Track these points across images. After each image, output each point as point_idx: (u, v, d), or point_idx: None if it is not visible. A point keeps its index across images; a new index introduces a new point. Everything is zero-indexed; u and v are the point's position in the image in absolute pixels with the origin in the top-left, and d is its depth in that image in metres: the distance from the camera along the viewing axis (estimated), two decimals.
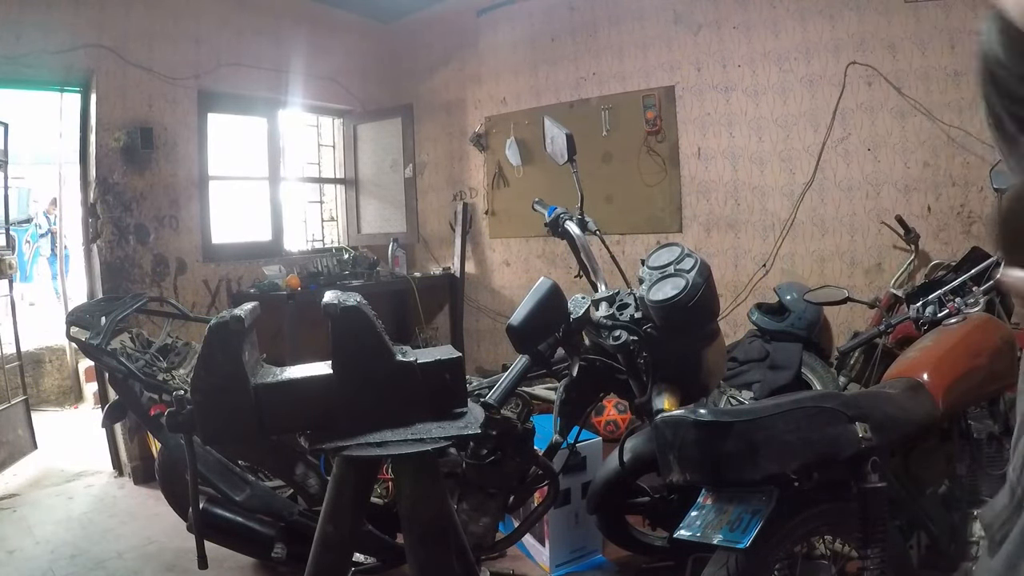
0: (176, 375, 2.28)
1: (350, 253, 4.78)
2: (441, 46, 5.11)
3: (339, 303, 1.27)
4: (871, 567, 1.37)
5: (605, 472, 2.15)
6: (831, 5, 3.53)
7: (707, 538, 1.32)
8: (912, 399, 1.59)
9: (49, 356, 5.32)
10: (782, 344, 3.15)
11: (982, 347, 1.75)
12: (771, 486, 1.33)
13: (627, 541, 2.33)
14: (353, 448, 1.25)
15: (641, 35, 4.19)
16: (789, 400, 1.45)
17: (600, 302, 1.63)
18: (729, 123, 3.91)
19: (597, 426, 3.60)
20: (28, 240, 8.77)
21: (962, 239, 3.22)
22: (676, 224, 4.14)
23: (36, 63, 3.40)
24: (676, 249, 1.55)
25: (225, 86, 4.24)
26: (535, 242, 4.73)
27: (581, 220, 1.98)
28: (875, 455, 1.39)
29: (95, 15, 3.60)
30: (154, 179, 3.86)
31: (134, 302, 2.49)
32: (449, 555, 1.29)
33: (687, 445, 1.36)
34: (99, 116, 3.64)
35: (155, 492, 2.91)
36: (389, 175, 5.07)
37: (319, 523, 1.31)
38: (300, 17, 4.68)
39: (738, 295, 3.91)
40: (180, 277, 3.98)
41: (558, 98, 4.56)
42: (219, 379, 1.25)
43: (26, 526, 3.02)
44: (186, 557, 2.64)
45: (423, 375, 1.31)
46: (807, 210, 3.71)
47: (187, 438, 1.44)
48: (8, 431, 3.86)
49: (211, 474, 2.12)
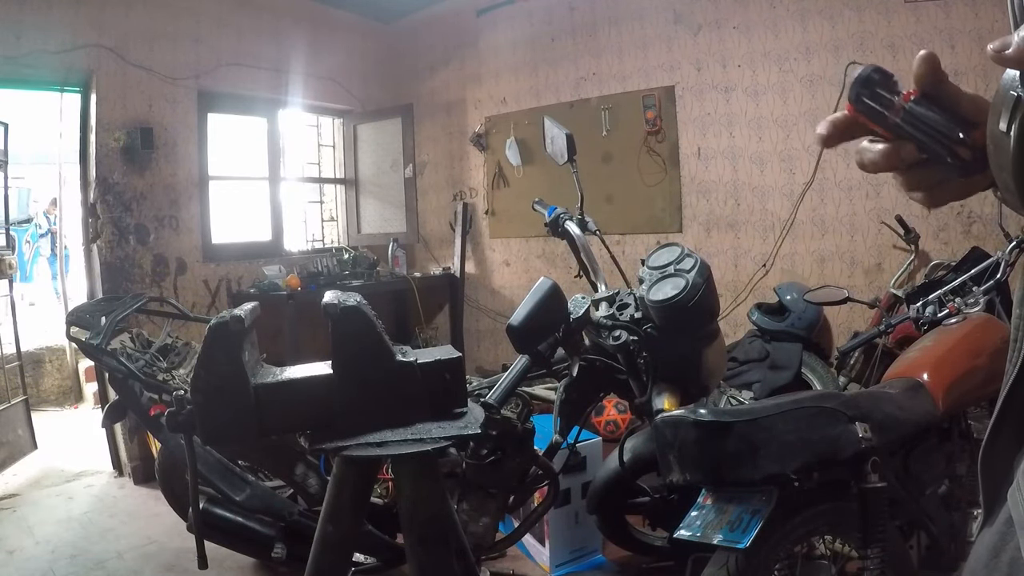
0: (176, 375, 2.28)
1: (350, 253, 4.78)
2: (441, 46, 5.12)
3: (339, 303, 1.27)
4: (871, 567, 1.37)
5: (605, 472, 2.16)
6: (831, 5, 3.53)
7: (707, 538, 1.32)
8: (912, 399, 1.59)
9: (49, 356, 5.32)
10: (782, 344, 3.16)
11: (982, 347, 1.75)
12: (771, 486, 1.33)
13: (627, 541, 2.33)
14: (353, 448, 1.24)
15: (641, 35, 4.19)
16: (789, 400, 1.45)
17: (600, 302, 1.63)
18: (729, 123, 3.91)
19: (597, 426, 3.60)
20: (28, 240, 8.76)
21: (962, 239, 3.22)
22: (676, 224, 4.14)
23: (36, 63, 3.40)
24: (676, 249, 1.55)
25: (225, 86, 4.24)
26: (535, 242, 4.73)
27: (581, 220, 1.98)
28: (875, 455, 1.39)
29: (95, 15, 3.60)
30: (154, 179, 3.86)
31: (134, 302, 2.49)
32: (449, 555, 1.29)
33: (687, 445, 1.36)
34: (99, 116, 3.64)
35: (155, 492, 2.91)
36: (389, 175, 5.07)
37: (319, 523, 1.30)
38: (300, 17, 4.68)
39: (738, 295, 3.91)
40: (180, 277, 3.98)
41: (558, 98, 4.56)
42: (219, 379, 1.24)
43: (26, 526, 3.02)
44: (186, 557, 2.64)
45: (423, 375, 1.31)
46: (807, 210, 3.71)
47: (187, 438, 1.44)
48: (8, 431, 3.86)
49: (211, 474, 2.12)
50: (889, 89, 0.57)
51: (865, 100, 0.58)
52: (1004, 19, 1.09)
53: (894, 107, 0.57)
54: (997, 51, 0.45)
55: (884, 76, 0.58)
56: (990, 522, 0.59)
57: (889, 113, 0.57)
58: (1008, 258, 2.32)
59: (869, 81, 0.58)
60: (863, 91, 0.58)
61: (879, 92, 0.58)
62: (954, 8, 3.17)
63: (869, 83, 0.58)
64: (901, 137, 0.57)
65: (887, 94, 0.57)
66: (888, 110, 0.57)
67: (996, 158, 0.49)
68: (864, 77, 0.58)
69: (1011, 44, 0.44)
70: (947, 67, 0.54)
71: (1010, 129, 0.46)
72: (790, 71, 3.69)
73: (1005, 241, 2.53)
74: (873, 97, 0.58)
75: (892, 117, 0.57)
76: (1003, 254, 2.33)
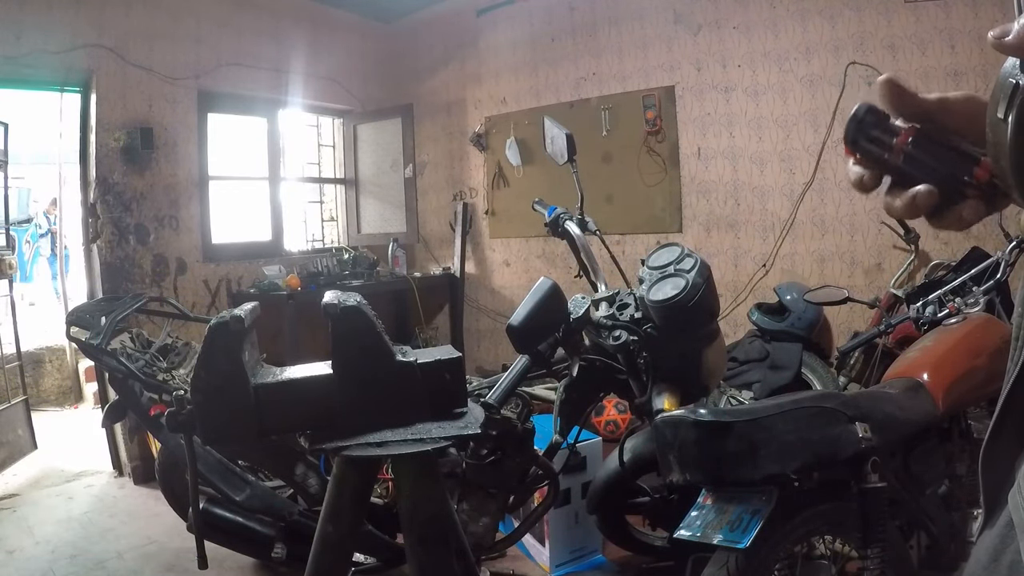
0: (176, 375, 2.28)
1: (350, 253, 4.78)
2: (441, 46, 5.12)
3: (339, 303, 1.27)
4: (871, 567, 1.37)
5: (605, 472, 2.16)
6: (831, 5, 3.53)
7: (707, 538, 1.32)
8: (912, 399, 1.59)
9: (49, 356, 5.32)
10: (782, 344, 3.15)
11: (982, 347, 1.76)
12: (771, 486, 1.33)
13: (627, 541, 2.33)
14: (353, 448, 1.24)
15: (641, 35, 4.19)
16: (789, 400, 1.45)
17: (600, 302, 1.63)
18: (729, 123, 3.91)
19: (597, 426, 3.60)
20: (28, 240, 8.76)
21: (962, 239, 3.22)
22: (676, 224, 4.14)
23: (36, 63, 3.40)
24: (676, 249, 1.55)
25: (225, 86, 4.24)
26: (535, 242, 4.73)
27: (581, 220, 1.98)
28: (875, 455, 1.39)
29: (95, 15, 3.60)
30: (154, 179, 3.86)
31: (134, 302, 2.49)
32: (449, 555, 1.29)
33: (687, 445, 1.36)
34: (99, 116, 3.64)
35: (155, 492, 2.91)
36: (389, 175, 5.07)
37: (319, 523, 1.30)
38: (300, 17, 4.68)
39: (738, 295, 3.91)
40: (180, 277, 3.98)
41: (558, 98, 4.56)
42: (219, 379, 1.25)
43: (26, 526, 3.02)
44: (186, 557, 2.64)
45: (423, 375, 1.31)
46: (807, 210, 3.71)
47: (187, 438, 1.44)
48: (8, 431, 3.86)
49: (211, 474, 2.12)
50: (885, 129, 0.56)
51: (863, 144, 0.57)
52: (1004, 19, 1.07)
53: (893, 150, 0.56)
54: (997, 38, 0.45)
55: (878, 117, 0.57)
56: (991, 524, 0.59)
57: (889, 156, 0.56)
58: (1008, 258, 2.32)
59: (864, 124, 0.57)
60: (859, 135, 0.57)
61: (876, 134, 0.57)
62: (954, 8, 3.17)
63: (864, 126, 0.57)
64: (905, 178, 0.56)
65: (884, 136, 0.56)
66: (887, 152, 0.56)
67: (994, 146, 0.49)
68: (859, 119, 0.57)
69: (1011, 31, 0.44)
70: (947, 67, 0.54)
71: (1007, 116, 0.46)
72: (790, 71, 3.69)
73: (1005, 241, 2.53)
74: (871, 140, 0.57)
75: (892, 160, 0.56)
76: (1003, 254, 2.33)
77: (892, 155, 0.56)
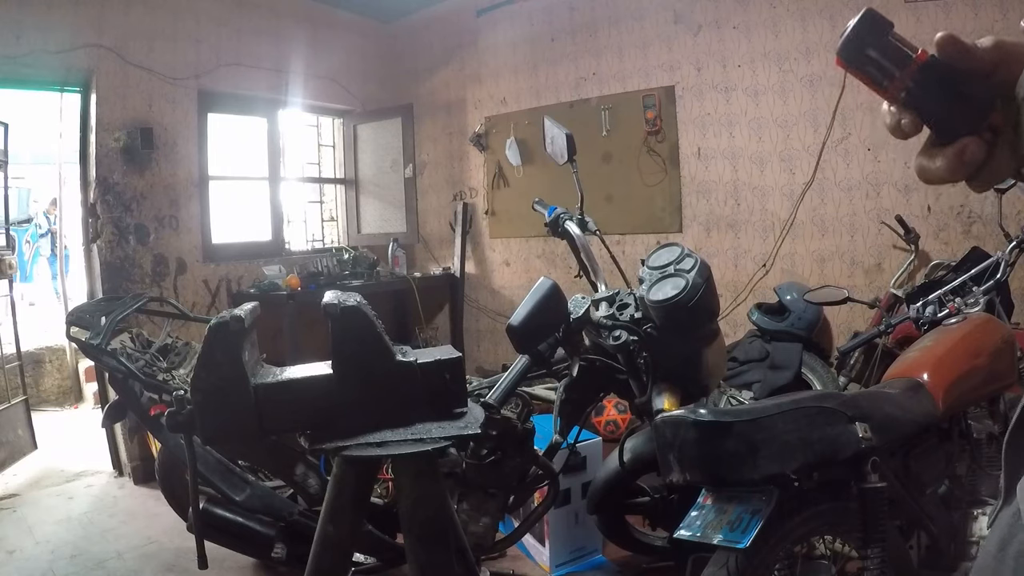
0: (176, 375, 2.28)
1: (350, 253, 4.78)
2: (441, 46, 5.11)
3: (339, 303, 1.27)
4: (871, 567, 1.37)
5: (605, 472, 2.15)
6: (831, 5, 3.53)
7: (707, 538, 1.32)
8: (912, 399, 1.59)
9: (49, 356, 5.32)
10: (782, 344, 3.15)
11: (982, 347, 1.75)
12: (771, 486, 1.33)
13: (627, 541, 2.33)
14: (353, 448, 1.25)
15: (641, 35, 4.19)
16: (789, 400, 1.45)
17: (600, 302, 1.63)
18: (729, 123, 3.91)
19: (597, 426, 3.60)
20: (28, 240, 8.77)
21: (962, 239, 3.22)
22: (676, 224, 4.14)
23: (36, 63, 3.40)
24: (676, 249, 1.55)
25: (225, 86, 4.24)
26: (535, 242, 4.73)
27: (581, 220, 1.98)
28: (875, 455, 1.39)
29: (95, 15, 3.60)
30: (154, 179, 3.86)
31: (134, 302, 2.49)
32: (449, 555, 1.29)
33: (687, 445, 1.36)
34: (99, 116, 3.64)
35: (155, 492, 2.91)
36: (389, 175, 5.07)
37: (319, 523, 1.31)
38: (300, 17, 4.68)
39: (738, 295, 3.91)
40: (180, 277, 3.98)
41: (558, 98, 4.56)
42: (219, 379, 1.25)
43: (26, 526, 3.02)
44: (186, 557, 2.64)
45: (423, 375, 1.31)
46: (807, 210, 3.71)
47: (187, 438, 1.44)
48: (8, 431, 3.86)
49: (211, 474, 2.12)
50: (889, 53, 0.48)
51: (868, 54, 0.48)
52: (1004, 19, 1.08)
53: (898, 76, 0.47)
54: None
55: (887, 27, 0.48)
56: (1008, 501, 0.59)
57: (892, 80, 0.48)
58: (1008, 258, 2.32)
59: (871, 33, 0.48)
60: (868, 46, 0.48)
61: (891, 44, 0.48)
62: (954, 8, 3.17)
63: (870, 36, 0.48)
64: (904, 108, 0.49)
65: (899, 48, 0.48)
66: (890, 77, 0.48)
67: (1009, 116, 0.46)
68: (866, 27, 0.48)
69: None
70: None
71: None
72: (790, 71, 3.69)
73: (1005, 241, 2.53)
74: (883, 52, 0.47)
75: (896, 86, 0.48)
76: (1003, 254, 2.33)
77: (896, 81, 0.47)
